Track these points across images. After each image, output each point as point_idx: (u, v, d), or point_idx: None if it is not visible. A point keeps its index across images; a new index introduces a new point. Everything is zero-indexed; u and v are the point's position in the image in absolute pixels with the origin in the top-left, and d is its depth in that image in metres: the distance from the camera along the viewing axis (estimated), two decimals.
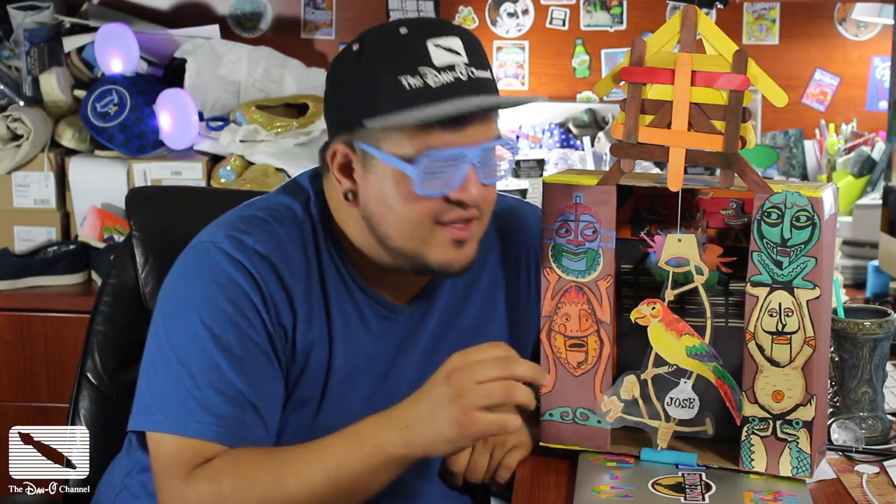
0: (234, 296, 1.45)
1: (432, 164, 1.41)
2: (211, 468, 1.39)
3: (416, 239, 1.46)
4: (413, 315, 1.58)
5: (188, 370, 1.43)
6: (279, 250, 1.49)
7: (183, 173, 3.00)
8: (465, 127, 1.42)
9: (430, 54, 1.41)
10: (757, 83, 1.42)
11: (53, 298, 2.89)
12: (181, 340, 1.44)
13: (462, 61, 1.43)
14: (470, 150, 1.42)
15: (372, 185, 1.46)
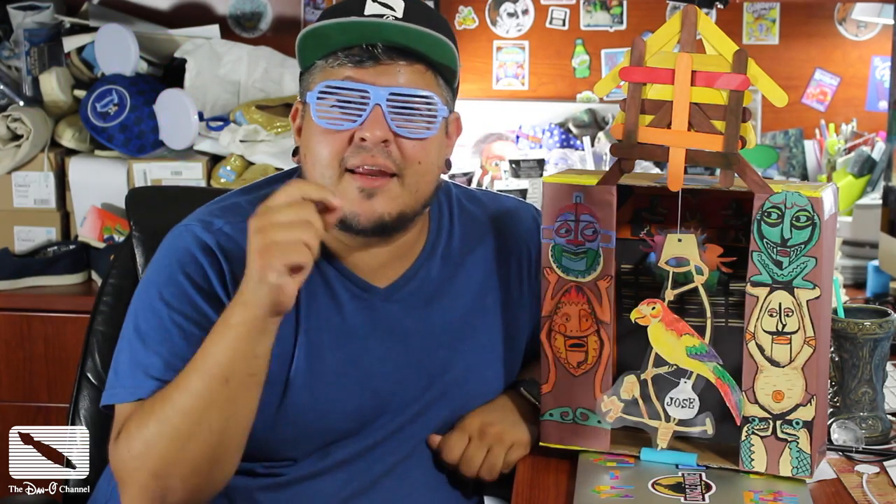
0: (192, 272, 1.48)
1: (328, 93, 1.46)
2: (133, 420, 1.42)
3: (328, 181, 1.48)
4: (389, 297, 1.58)
5: (142, 341, 1.46)
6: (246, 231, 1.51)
7: (183, 173, 3.00)
8: (371, 65, 1.46)
9: (364, 5, 1.47)
10: (757, 83, 1.42)
11: (53, 298, 2.89)
12: (143, 316, 1.48)
13: (393, 14, 1.46)
14: (375, 89, 1.45)
15: (304, 132, 1.52)
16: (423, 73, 1.49)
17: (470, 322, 1.63)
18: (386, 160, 1.47)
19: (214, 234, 1.51)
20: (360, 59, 1.45)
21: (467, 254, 1.64)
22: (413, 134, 1.48)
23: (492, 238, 1.67)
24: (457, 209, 1.67)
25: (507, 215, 1.70)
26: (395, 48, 1.46)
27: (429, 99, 1.48)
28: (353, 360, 1.55)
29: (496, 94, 3.38)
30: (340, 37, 1.45)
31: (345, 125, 1.46)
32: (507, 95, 3.38)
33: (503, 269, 1.67)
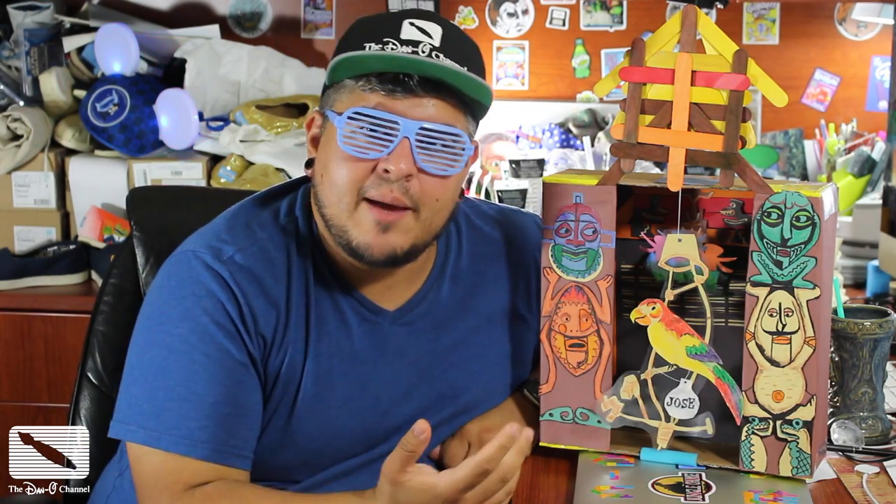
0: (210, 308, 1.44)
1: (357, 120, 1.42)
2: (204, 493, 1.39)
3: (343, 209, 1.44)
4: (398, 320, 1.55)
5: (165, 381, 1.42)
6: (260, 257, 1.48)
7: (183, 173, 3.00)
8: (404, 97, 1.41)
9: (400, 29, 1.43)
10: (757, 83, 1.42)
11: (53, 298, 2.89)
12: (159, 352, 1.44)
13: (430, 42, 1.43)
14: (405, 121, 1.41)
15: (321, 147, 1.49)
16: (454, 108, 1.44)
17: (479, 341, 1.61)
18: (404, 196, 1.42)
19: (226, 264, 1.46)
20: (394, 88, 1.41)
21: (477, 274, 1.61)
22: (437, 171, 1.44)
23: (502, 257, 1.65)
24: (465, 227, 1.64)
25: (517, 231, 1.68)
26: (430, 81, 1.42)
27: (457, 137, 1.44)
28: (362, 384, 1.54)
29: (496, 94, 3.38)
30: (378, 63, 1.42)
31: (370, 154, 1.42)
32: (507, 95, 3.38)
33: (513, 287, 1.65)
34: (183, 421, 1.40)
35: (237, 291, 1.45)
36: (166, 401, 1.41)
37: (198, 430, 1.40)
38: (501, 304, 1.64)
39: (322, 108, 1.49)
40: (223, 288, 1.45)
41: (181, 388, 1.42)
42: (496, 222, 1.67)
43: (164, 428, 1.41)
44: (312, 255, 1.52)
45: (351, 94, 1.43)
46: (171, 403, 1.41)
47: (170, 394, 1.42)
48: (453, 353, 1.58)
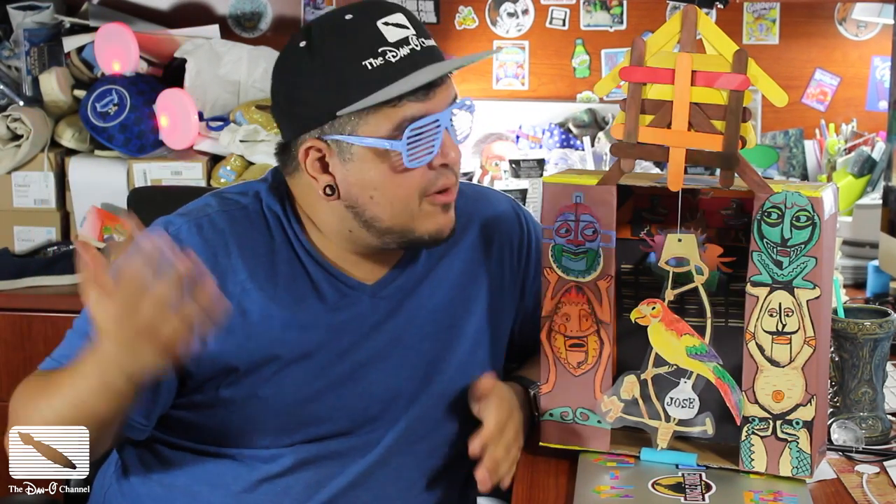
0: None
1: (414, 134, 1.44)
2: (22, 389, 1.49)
3: (406, 215, 1.49)
4: (377, 293, 1.58)
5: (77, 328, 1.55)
6: (235, 221, 1.53)
7: (183, 173, 3.00)
8: (433, 94, 1.46)
9: (383, 34, 1.44)
10: (757, 83, 1.42)
11: (53, 298, 2.89)
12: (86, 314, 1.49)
13: (412, 34, 1.47)
14: (441, 114, 1.47)
15: (353, 173, 1.48)
16: (452, 83, 1.52)
17: (454, 312, 1.64)
18: (456, 174, 1.53)
19: (191, 225, 1.52)
20: (425, 94, 1.46)
21: (450, 245, 1.64)
22: (463, 137, 1.53)
23: (473, 228, 1.68)
24: None
25: (487, 205, 1.71)
26: None
27: (467, 101, 1.52)
28: (343, 358, 1.56)
29: (496, 94, 3.38)
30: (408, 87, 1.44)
31: (426, 159, 1.47)
32: (507, 95, 3.38)
33: (485, 258, 1.68)
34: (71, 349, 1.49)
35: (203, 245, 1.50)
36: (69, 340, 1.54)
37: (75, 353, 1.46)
38: (473, 274, 1.66)
39: (327, 135, 1.47)
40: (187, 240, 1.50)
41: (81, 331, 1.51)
42: (466, 196, 1.68)
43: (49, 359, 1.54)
44: (284, 233, 1.55)
45: (383, 115, 1.45)
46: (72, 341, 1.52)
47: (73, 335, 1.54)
48: (428, 322, 1.61)
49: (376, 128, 1.45)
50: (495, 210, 1.71)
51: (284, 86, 1.50)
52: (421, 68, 1.45)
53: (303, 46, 1.46)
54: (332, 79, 1.44)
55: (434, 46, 1.50)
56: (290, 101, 1.50)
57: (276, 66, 1.52)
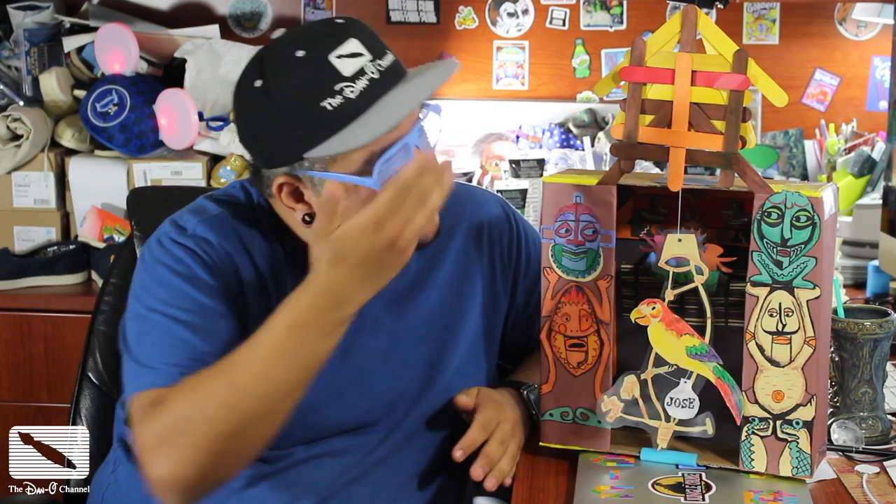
0: (183, 271, 1.48)
1: (384, 167, 1.43)
2: (166, 400, 1.38)
3: None
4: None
5: (149, 343, 1.45)
6: (220, 227, 1.53)
7: (183, 173, 3.00)
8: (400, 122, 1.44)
9: (337, 69, 1.41)
10: (757, 83, 1.42)
11: (53, 298, 2.89)
12: (143, 320, 1.48)
13: (367, 60, 1.44)
14: (409, 136, 1.45)
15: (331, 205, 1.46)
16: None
17: (450, 313, 1.65)
18: None
19: (191, 237, 1.51)
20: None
21: (440, 245, 1.65)
22: (434, 144, 1.52)
23: (462, 229, 1.68)
24: None
25: (476, 206, 1.72)
26: None
27: (432, 107, 1.51)
28: (342, 358, 1.55)
29: (496, 94, 3.38)
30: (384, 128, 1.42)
31: None
32: (507, 95, 3.38)
33: (476, 258, 1.69)
34: (162, 360, 1.42)
35: (205, 257, 1.50)
36: (149, 352, 1.44)
37: (175, 365, 1.42)
38: (465, 274, 1.67)
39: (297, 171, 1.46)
40: (192, 255, 1.50)
41: (163, 339, 1.44)
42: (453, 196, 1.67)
43: (145, 373, 1.43)
44: (278, 235, 1.55)
45: (352, 153, 1.43)
46: (152, 352, 1.44)
47: (151, 348, 1.44)
48: (425, 324, 1.62)
49: (346, 165, 1.43)
50: (484, 210, 1.72)
51: (246, 124, 1.49)
52: (382, 96, 1.42)
53: (258, 87, 1.43)
54: (293, 122, 1.42)
55: (393, 63, 1.46)
56: (254, 138, 1.49)
57: (235, 98, 1.50)
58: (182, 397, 1.37)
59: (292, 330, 1.35)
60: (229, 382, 1.35)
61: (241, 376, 1.35)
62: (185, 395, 1.37)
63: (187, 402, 1.36)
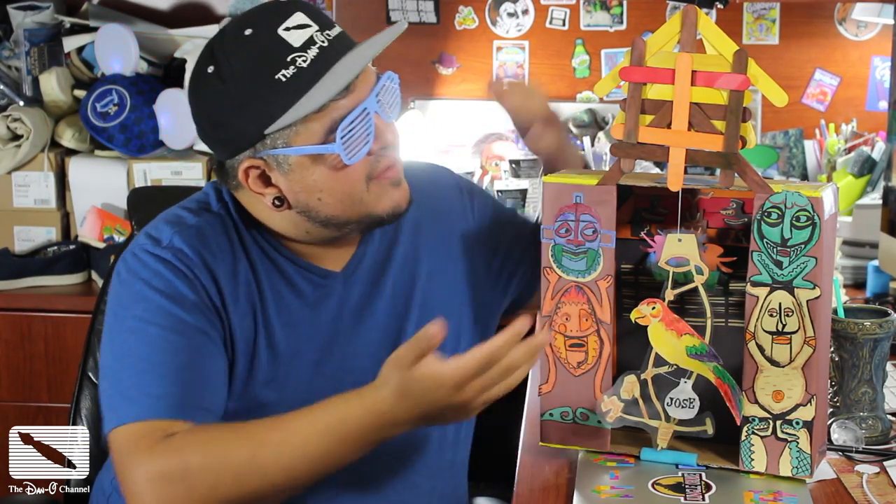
0: (162, 286, 1.47)
1: (346, 132, 1.44)
2: (175, 442, 1.37)
3: (358, 204, 1.49)
4: (346, 280, 1.59)
5: (126, 364, 1.44)
6: (197, 237, 1.51)
7: (183, 173, 3.00)
8: (354, 86, 1.45)
9: (287, 41, 1.43)
10: (757, 83, 1.42)
11: (53, 298, 2.89)
12: (120, 340, 1.46)
13: (315, 30, 1.45)
14: (367, 101, 1.46)
15: (296, 181, 1.48)
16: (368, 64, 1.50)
17: (427, 287, 1.64)
18: (394, 150, 1.52)
19: (167, 248, 1.49)
20: (347, 90, 1.44)
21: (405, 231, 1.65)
22: (397, 114, 1.53)
23: (425, 216, 1.68)
24: None
25: (425, 178, 1.71)
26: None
27: (390, 77, 1.50)
28: (327, 347, 1.57)
29: None
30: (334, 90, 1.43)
31: (365, 149, 1.46)
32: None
33: (434, 230, 1.68)
34: (145, 389, 1.41)
35: (184, 269, 1.48)
36: (129, 378, 1.42)
37: (161, 397, 1.41)
38: (427, 248, 1.67)
39: (261, 152, 1.46)
40: (169, 268, 1.48)
41: (141, 362, 1.43)
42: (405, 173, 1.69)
43: (129, 404, 1.41)
44: (251, 235, 1.55)
45: (312, 122, 1.44)
46: (134, 379, 1.42)
47: (130, 371, 1.43)
48: (399, 302, 1.62)
49: (308, 136, 1.44)
50: (432, 179, 1.73)
51: (204, 113, 1.49)
52: (334, 64, 1.43)
53: (211, 72, 1.44)
54: (250, 100, 1.43)
55: (340, 34, 1.47)
56: (213, 127, 1.48)
57: (190, 93, 1.50)
58: (194, 448, 1.36)
59: (327, 434, 1.36)
60: (249, 457, 1.36)
61: (263, 456, 1.36)
62: (199, 448, 1.36)
63: (198, 456, 1.35)
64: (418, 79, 3.37)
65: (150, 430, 1.39)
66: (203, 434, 1.39)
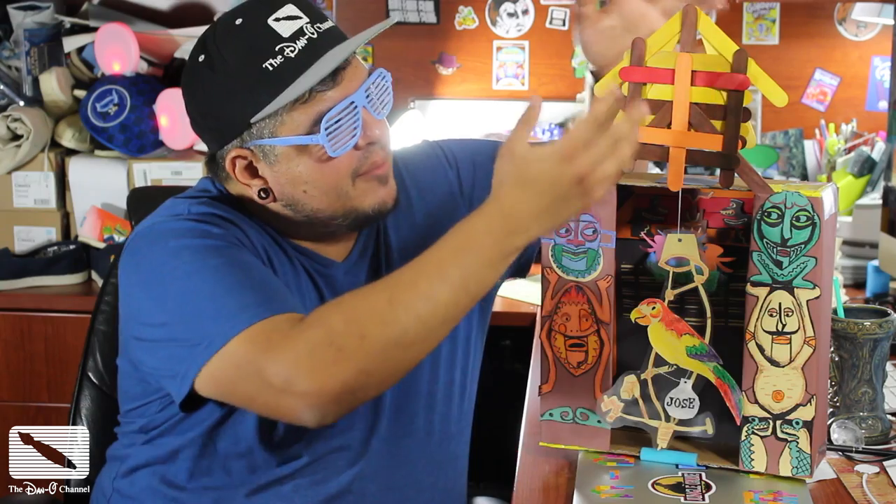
0: (199, 234, 1.43)
1: (331, 124, 1.44)
2: (307, 320, 1.32)
3: (344, 198, 1.49)
4: (349, 270, 1.60)
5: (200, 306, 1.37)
6: (212, 208, 1.51)
7: (183, 173, 3.00)
8: (341, 78, 1.45)
9: (276, 31, 1.44)
10: (757, 83, 1.42)
11: (53, 298, 2.89)
12: (180, 290, 1.39)
13: (305, 22, 1.46)
14: (355, 95, 1.46)
15: (282, 172, 1.48)
16: (359, 60, 1.52)
17: None
18: (385, 149, 1.52)
19: (192, 214, 1.48)
20: (333, 82, 1.44)
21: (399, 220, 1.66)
22: (387, 111, 1.52)
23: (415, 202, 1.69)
24: None
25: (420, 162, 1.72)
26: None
27: (381, 73, 1.51)
28: None
29: (496, 94, 3.38)
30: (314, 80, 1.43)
31: (351, 143, 1.47)
32: (507, 95, 3.38)
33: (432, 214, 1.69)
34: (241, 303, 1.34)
35: (215, 223, 1.46)
36: (212, 309, 1.35)
37: (262, 304, 1.35)
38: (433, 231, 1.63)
39: (248, 142, 1.47)
40: (201, 224, 1.45)
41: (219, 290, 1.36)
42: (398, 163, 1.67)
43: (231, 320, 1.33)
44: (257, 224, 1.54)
45: (298, 113, 1.45)
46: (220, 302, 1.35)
47: (211, 303, 1.36)
48: None
49: (294, 126, 1.45)
50: (416, 157, 1.73)
51: (194, 103, 1.50)
52: (322, 55, 1.44)
53: (202, 61, 1.45)
54: (238, 88, 1.44)
55: (332, 28, 1.48)
56: (203, 116, 1.49)
57: (182, 84, 1.51)
58: (335, 312, 1.32)
59: (460, 252, 1.31)
60: (389, 299, 1.30)
61: (402, 293, 1.31)
62: (339, 310, 1.32)
63: (341, 317, 1.30)
64: (418, 79, 3.37)
65: (270, 328, 1.33)
66: (333, 303, 1.35)
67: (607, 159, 1.27)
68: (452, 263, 1.31)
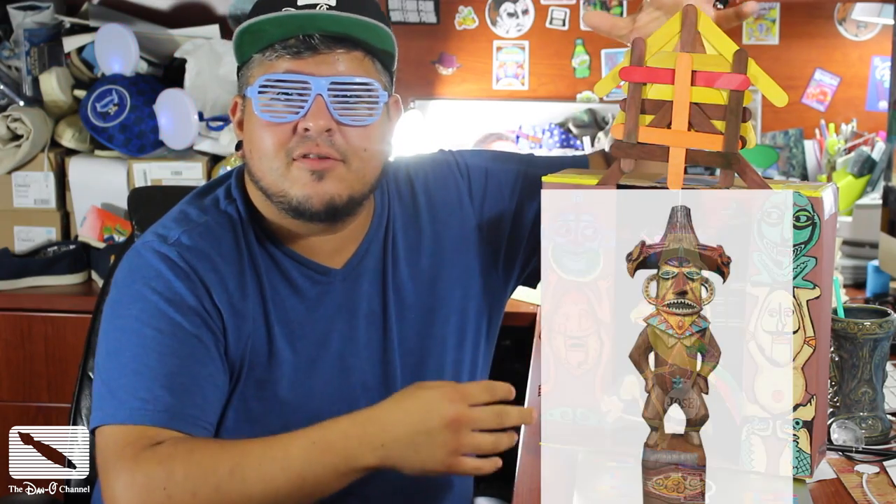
0: (160, 287, 1.47)
1: (269, 87, 1.47)
2: (161, 451, 1.36)
3: (276, 173, 1.50)
4: (347, 277, 1.59)
5: (119, 363, 1.43)
6: (206, 236, 1.52)
7: (183, 173, 3.00)
8: (310, 56, 1.46)
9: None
10: (757, 83, 1.42)
11: (53, 298, 2.89)
12: (114, 337, 1.46)
13: (326, 3, 1.47)
14: (315, 79, 1.46)
15: (247, 130, 1.53)
16: (361, 59, 1.50)
17: (431, 287, 1.65)
18: (330, 148, 1.49)
19: (174, 246, 1.50)
20: (298, 50, 1.46)
21: (408, 219, 1.66)
22: (356, 122, 1.49)
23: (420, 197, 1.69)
24: (392, 186, 1.69)
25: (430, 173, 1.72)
26: (332, 37, 1.47)
27: (369, 86, 1.49)
28: (324, 344, 1.57)
29: (496, 94, 3.38)
30: (277, 30, 1.46)
31: (288, 117, 1.47)
32: (507, 95, 3.38)
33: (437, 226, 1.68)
34: (135, 393, 1.40)
35: (187, 269, 1.48)
36: (119, 378, 1.42)
37: (151, 401, 1.40)
38: (442, 245, 1.67)
39: (240, 90, 1.55)
40: (171, 268, 1.48)
41: (133, 363, 1.42)
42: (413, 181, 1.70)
43: (118, 404, 1.40)
44: (255, 231, 1.56)
45: (260, 67, 1.50)
46: (124, 380, 1.42)
47: (122, 371, 1.42)
48: (407, 302, 1.62)
49: (253, 80, 1.50)
50: (427, 165, 1.73)
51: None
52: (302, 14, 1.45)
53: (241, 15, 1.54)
54: (241, 36, 1.50)
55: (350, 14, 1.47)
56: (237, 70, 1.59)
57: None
58: (182, 461, 1.34)
59: (312, 446, 1.34)
60: (232, 469, 1.34)
61: (245, 468, 1.34)
62: (187, 459, 1.34)
63: (183, 468, 1.34)
64: (418, 79, 3.37)
65: (136, 437, 1.38)
66: (188, 444, 1.37)
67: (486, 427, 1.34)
68: (298, 455, 1.34)
